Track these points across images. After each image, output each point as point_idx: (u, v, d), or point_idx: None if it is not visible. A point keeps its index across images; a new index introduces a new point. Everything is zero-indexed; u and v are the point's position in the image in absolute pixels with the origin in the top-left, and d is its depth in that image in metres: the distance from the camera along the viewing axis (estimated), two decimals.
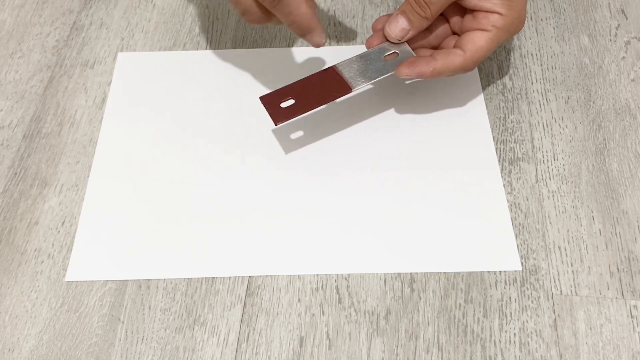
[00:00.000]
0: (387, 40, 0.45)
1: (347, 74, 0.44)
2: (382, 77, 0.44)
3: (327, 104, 0.45)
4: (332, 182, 0.46)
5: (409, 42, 0.45)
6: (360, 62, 0.45)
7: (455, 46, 0.44)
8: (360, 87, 0.44)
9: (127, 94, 0.51)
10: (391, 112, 0.49)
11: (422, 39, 0.46)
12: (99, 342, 0.40)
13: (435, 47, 0.47)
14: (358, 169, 0.46)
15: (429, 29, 0.46)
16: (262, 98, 0.44)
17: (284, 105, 0.44)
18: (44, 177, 0.47)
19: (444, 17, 0.46)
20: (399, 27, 0.44)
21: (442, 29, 0.47)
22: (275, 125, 0.43)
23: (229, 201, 0.45)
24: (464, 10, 0.45)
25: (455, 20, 0.46)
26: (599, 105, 0.49)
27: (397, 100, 0.50)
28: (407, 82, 0.51)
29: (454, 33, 0.47)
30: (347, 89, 0.44)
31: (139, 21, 0.56)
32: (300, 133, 0.48)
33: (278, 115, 0.43)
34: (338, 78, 0.44)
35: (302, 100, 0.44)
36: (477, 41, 0.43)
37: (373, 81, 0.44)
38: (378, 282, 0.42)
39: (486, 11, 0.43)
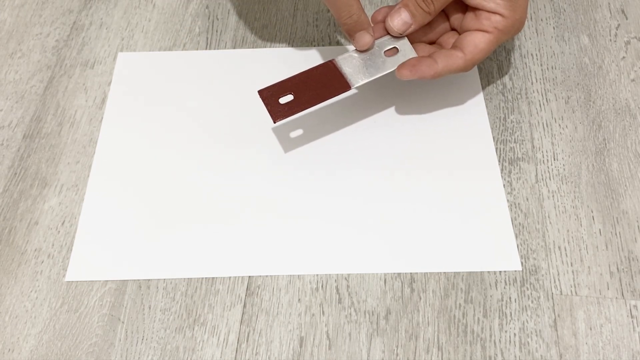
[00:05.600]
0: (388, 34, 0.45)
1: (347, 69, 0.44)
2: (382, 74, 0.44)
3: (326, 102, 0.45)
4: (332, 182, 0.46)
5: (407, 36, 0.45)
6: (360, 57, 0.45)
7: (455, 46, 0.44)
8: (359, 84, 0.44)
9: (127, 94, 0.51)
10: (391, 112, 0.49)
11: (422, 34, 0.46)
12: (99, 342, 0.40)
13: (433, 42, 0.47)
14: (358, 169, 0.46)
15: (429, 25, 0.46)
16: (260, 92, 0.44)
17: (282, 101, 0.43)
18: (44, 177, 0.47)
19: (443, 12, 0.46)
20: (401, 20, 0.44)
21: (441, 24, 0.47)
22: (274, 122, 0.43)
23: (229, 201, 0.45)
24: (465, 8, 0.45)
25: (455, 17, 0.46)
26: (599, 105, 0.49)
27: (397, 99, 0.50)
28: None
29: (453, 29, 0.47)
30: (347, 86, 0.44)
31: (139, 21, 0.56)
32: (300, 132, 0.48)
33: (277, 112, 0.43)
34: (337, 74, 0.44)
35: (301, 96, 0.43)
36: (478, 43, 0.43)
37: (372, 78, 0.44)
38: (378, 282, 0.42)
39: (489, 11, 0.43)
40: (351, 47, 0.53)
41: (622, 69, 0.51)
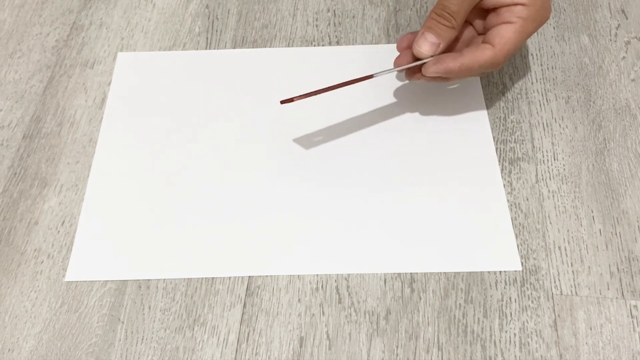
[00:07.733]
0: (417, 60, 0.44)
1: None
2: (405, 66, 0.44)
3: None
4: (332, 182, 0.46)
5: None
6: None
7: (483, 42, 0.44)
8: (380, 74, 0.44)
9: (127, 94, 0.51)
10: (392, 113, 0.49)
11: (452, 48, 0.46)
12: (99, 342, 0.40)
13: None
14: (357, 169, 0.46)
15: (455, 38, 0.45)
16: (283, 103, 0.43)
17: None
18: (43, 177, 0.47)
19: (467, 21, 0.46)
20: (428, 42, 0.43)
21: (468, 33, 0.46)
22: (281, 103, 0.42)
23: (228, 201, 0.45)
24: (487, 12, 0.45)
25: (478, 22, 0.46)
26: (599, 105, 0.49)
27: (398, 101, 0.50)
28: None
29: (479, 34, 0.47)
30: (368, 75, 0.44)
31: (139, 21, 0.56)
32: (301, 133, 0.48)
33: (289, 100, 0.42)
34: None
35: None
36: (504, 33, 0.43)
37: (394, 70, 0.44)
38: (378, 282, 0.42)
39: (508, 5, 0.43)
40: (352, 50, 0.53)
41: (622, 69, 0.51)
